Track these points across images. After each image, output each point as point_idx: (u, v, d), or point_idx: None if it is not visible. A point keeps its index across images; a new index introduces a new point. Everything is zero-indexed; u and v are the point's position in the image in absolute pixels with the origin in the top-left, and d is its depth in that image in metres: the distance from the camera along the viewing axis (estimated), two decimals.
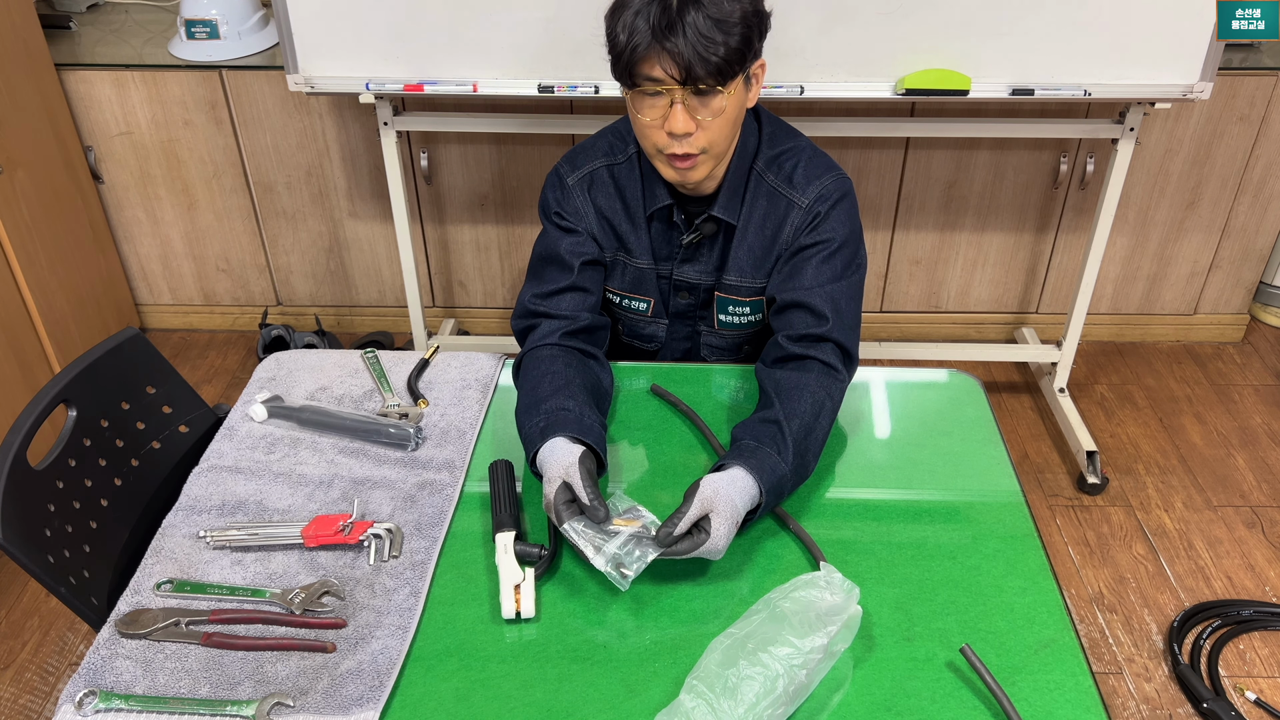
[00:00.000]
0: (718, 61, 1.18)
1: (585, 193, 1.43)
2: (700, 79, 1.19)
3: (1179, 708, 1.90)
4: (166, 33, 2.63)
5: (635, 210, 1.43)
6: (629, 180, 1.43)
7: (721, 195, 1.39)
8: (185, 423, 1.44)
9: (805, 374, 1.29)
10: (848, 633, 1.02)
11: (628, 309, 1.54)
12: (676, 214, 1.41)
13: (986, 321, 2.88)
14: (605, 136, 1.46)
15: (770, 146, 1.40)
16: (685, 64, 1.18)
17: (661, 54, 1.18)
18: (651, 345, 1.58)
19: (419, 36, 2.05)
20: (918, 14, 1.99)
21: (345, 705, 0.98)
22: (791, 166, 1.39)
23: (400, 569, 1.14)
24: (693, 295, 1.50)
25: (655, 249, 1.46)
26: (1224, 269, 2.77)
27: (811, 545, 1.17)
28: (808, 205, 1.38)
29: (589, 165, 1.43)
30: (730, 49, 1.19)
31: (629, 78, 1.23)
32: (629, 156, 1.43)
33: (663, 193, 1.40)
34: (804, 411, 1.24)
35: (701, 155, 1.28)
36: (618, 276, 1.49)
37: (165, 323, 2.96)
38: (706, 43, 1.17)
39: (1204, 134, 2.52)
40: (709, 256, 1.46)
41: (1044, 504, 2.36)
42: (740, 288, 1.46)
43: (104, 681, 1.01)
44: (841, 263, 1.37)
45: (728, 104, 1.24)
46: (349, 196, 2.69)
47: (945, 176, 2.59)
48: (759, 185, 1.40)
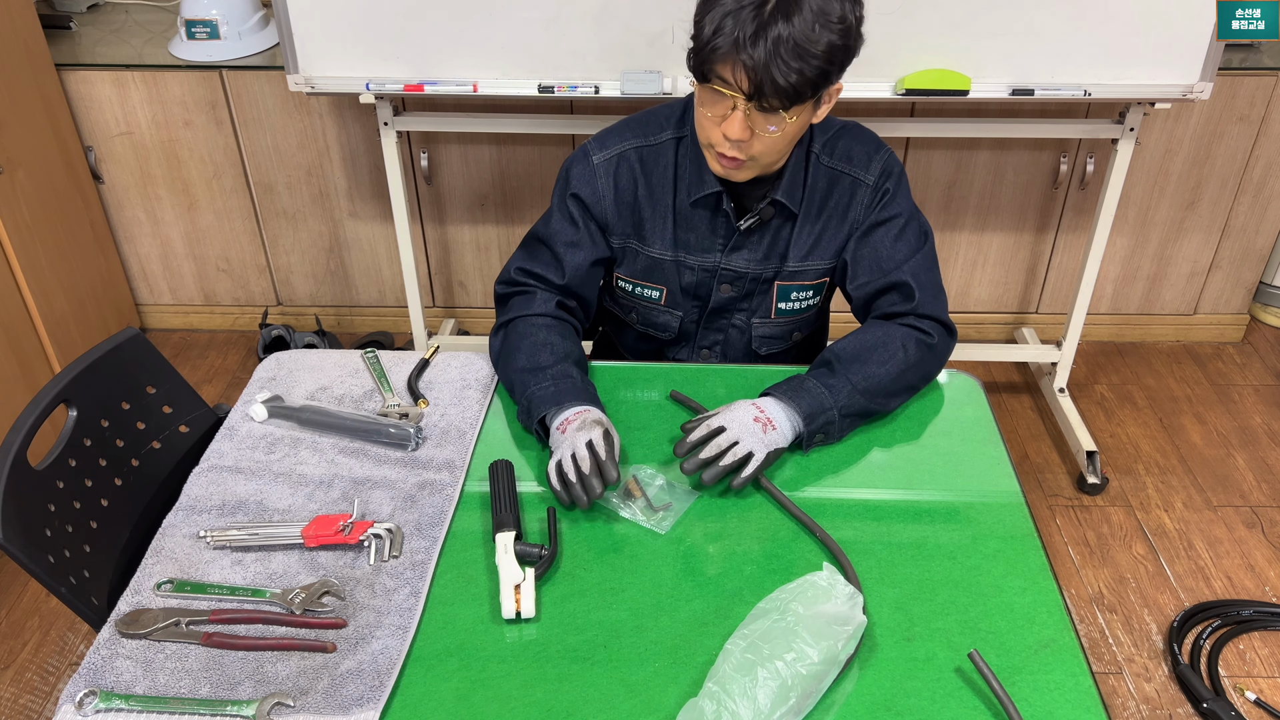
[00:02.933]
0: (787, 87, 1.17)
1: (610, 174, 1.42)
2: (767, 97, 1.19)
3: (1179, 708, 1.90)
4: (167, 33, 2.63)
5: (661, 195, 1.42)
6: (657, 165, 1.41)
7: (785, 180, 1.38)
8: (185, 423, 1.44)
9: (885, 325, 1.38)
10: (853, 642, 1.02)
11: (640, 297, 1.53)
12: (726, 201, 1.40)
13: (986, 321, 2.88)
14: (640, 118, 1.44)
15: (822, 131, 1.41)
16: (757, 81, 1.17)
17: (737, 62, 1.17)
18: (666, 334, 1.57)
19: (419, 36, 2.05)
20: (918, 14, 1.99)
21: (345, 705, 0.98)
22: (846, 146, 1.41)
23: (400, 569, 1.14)
24: (737, 287, 1.49)
25: (687, 239, 1.44)
26: (1224, 269, 2.77)
27: (834, 548, 1.17)
28: (874, 182, 1.40)
29: (619, 145, 1.42)
30: (805, 78, 1.18)
31: (701, 73, 1.22)
32: (663, 140, 1.41)
33: (712, 180, 1.37)
34: (856, 344, 1.34)
35: (749, 161, 1.29)
36: (629, 263, 1.49)
37: (165, 323, 2.97)
38: (783, 66, 1.16)
39: (1204, 134, 2.52)
40: (760, 244, 1.44)
41: (1044, 504, 2.36)
42: (806, 271, 1.46)
43: (104, 681, 1.01)
44: (914, 235, 1.41)
45: (788, 125, 1.24)
46: (349, 196, 2.69)
47: (945, 176, 2.59)
48: (817, 168, 1.40)
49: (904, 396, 1.37)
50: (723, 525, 1.21)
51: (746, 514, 1.23)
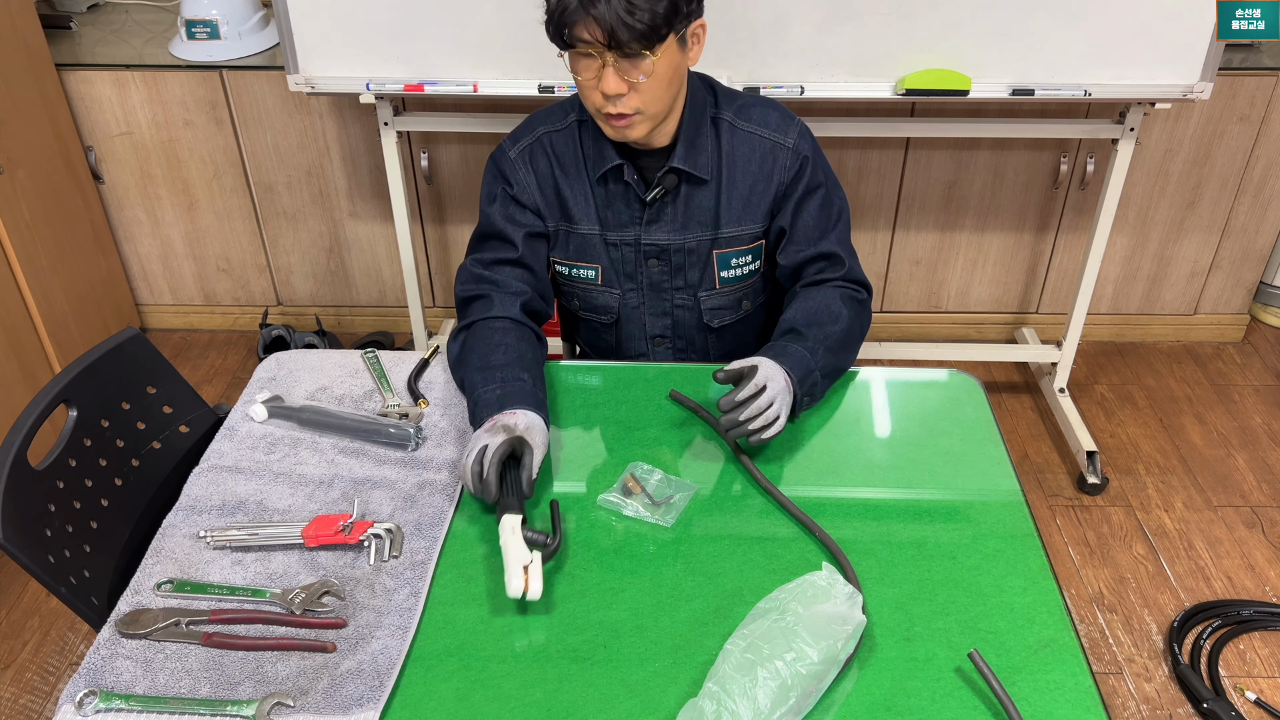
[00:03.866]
0: (641, 28, 1.22)
1: (527, 164, 1.46)
2: (625, 43, 1.23)
3: (1179, 708, 1.90)
4: (167, 33, 2.63)
5: (575, 175, 1.46)
6: (566, 146, 1.46)
7: (680, 148, 1.41)
8: (185, 423, 1.44)
9: (821, 290, 1.46)
10: (852, 641, 1.02)
11: (577, 279, 1.55)
12: (629, 171, 1.43)
13: (986, 321, 2.88)
14: (547, 109, 1.50)
15: (730, 100, 1.46)
16: (609, 29, 1.22)
17: (587, 18, 1.22)
18: (607, 317, 1.58)
19: (419, 36, 2.05)
20: (918, 14, 1.99)
21: (345, 705, 0.98)
22: (762, 114, 1.45)
23: (400, 569, 1.14)
24: (664, 261, 1.51)
25: (606, 216, 1.48)
26: (1224, 269, 2.77)
27: (834, 548, 1.17)
28: (793, 145, 1.44)
29: (529, 137, 1.47)
30: (655, 14, 1.22)
31: (560, 39, 1.27)
32: (568, 124, 1.46)
33: (612, 154, 1.42)
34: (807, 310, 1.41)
35: (637, 115, 1.32)
36: (562, 246, 1.51)
37: (165, 323, 2.97)
38: (630, 8, 1.21)
39: (1204, 134, 2.52)
40: (674, 214, 1.47)
41: (1044, 504, 2.36)
42: (741, 235, 1.49)
43: (104, 681, 1.01)
44: (837, 204, 1.49)
45: (658, 66, 1.27)
46: (349, 196, 2.69)
47: (945, 177, 2.59)
48: (732, 134, 1.44)
49: (856, 350, 1.45)
50: (723, 525, 1.21)
51: (746, 514, 1.23)
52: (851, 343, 1.43)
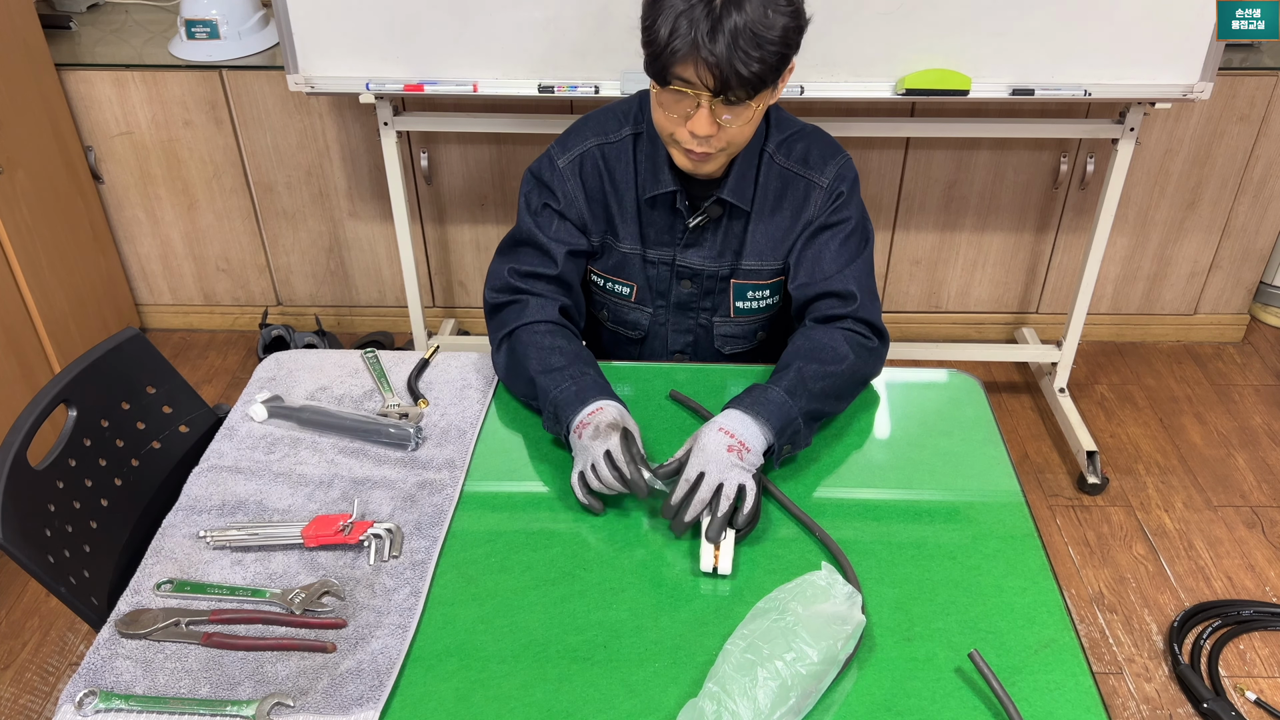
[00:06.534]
0: (751, 77, 1.17)
1: (576, 175, 1.42)
2: (733, 90, 1.19)
3: (1179, 708, 1.90)
4: (166, 33, 2.63)
5: (625, 192, 1.43)
6: (619, 161, 1.42)
7: (731, 179, 1.38)
8: (185, 423, 1.44)
9: (827, 329, 1.37)
10: (852, 641, 1.02)
11: (611, 292, 1.53)
12: (680, 200, 1.40)
13: (986, 321, 2.88)
14: (597, 117, 1.45)
15: (779, 131, 1.41)
16: (721, 76, 1.17)
17: (699, 61, 1.17)
18: (635, 332, 1.57)
19: (419, 36, 2.05)
20: (918, 14, 1.99)
21: (345, 705, 0.98)
22: (803, 150, 1.41)
23: (400, 569, 1.14)
24: (696, 284, 1.49)
25: (648, 234, 1.45)
26: (1224, 269, 2.77)
27: (834, 548, 1.17)
28: (829, 185, 1.40)
29: (580, 146, 1.43)
30: (767, 65, 1.17)
31: (662, 77, 1.22)
32: (623, 137, 1.42)
33: (667, 178, 1.39)
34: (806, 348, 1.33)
35: (719, 152, 1.29)
36: (604, 258, 1.49)
37: (165, 323, 2.97)
38: (744, 57, 1.16)
39: (1204, 134, 2.52)
40: (713, 241, 1.45)
41: (1044, 504, 2.36)
42: (761, 271, 1.46)
43: (104, 681, 1.01)
44: (858, 241, 1.42)
45: (756, 112, 1.25)
46: (349, 196, 2.69)
47: (945, 176, 2.59)
48: (770, 168, 1.40)
49: (851, 398, 1.37)
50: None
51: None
52: (849, 391, 1.35)
